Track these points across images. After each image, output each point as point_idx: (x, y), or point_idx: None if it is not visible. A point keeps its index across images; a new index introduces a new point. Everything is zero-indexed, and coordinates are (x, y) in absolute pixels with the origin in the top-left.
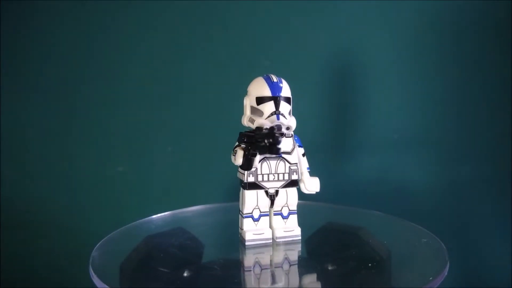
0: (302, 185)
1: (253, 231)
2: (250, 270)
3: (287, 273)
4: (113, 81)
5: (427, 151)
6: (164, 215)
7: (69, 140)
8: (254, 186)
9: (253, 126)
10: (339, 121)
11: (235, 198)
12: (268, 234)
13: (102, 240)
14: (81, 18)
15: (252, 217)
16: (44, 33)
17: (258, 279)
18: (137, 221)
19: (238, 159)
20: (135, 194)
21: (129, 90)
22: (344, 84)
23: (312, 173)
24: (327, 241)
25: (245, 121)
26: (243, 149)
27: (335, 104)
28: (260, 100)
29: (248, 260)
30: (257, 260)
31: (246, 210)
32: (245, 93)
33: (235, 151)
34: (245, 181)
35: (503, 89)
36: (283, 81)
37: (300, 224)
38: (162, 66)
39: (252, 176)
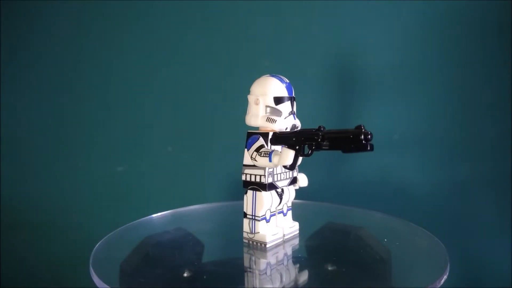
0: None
1: (270, 233)
2: (264, 273)
3: (288, 273)
4: (114, 81)
5: (427, 151)
6: (164, 214)
7: (69, 140)
8: (271, 186)
9: (273, 126)
10: (339, 121)
11: (234, 197)
12: (280, 233)
13: (103, 240)
14: (82, 18)
15: (265, 218)
16: (44, 33)
17: (271, 279)
18: (137, 221)
19: (289, 159)
20: (135, 194)
21: (129, 90)
22: (344, 84)
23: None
24: (327, 241)
25: (260, 121)
26: (292, 148)
27: (335, 104)
28: (279, 100)
29: (264, 261)
30: (269, 261)
31: (262, 212)
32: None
33: (265, 152)
34: (265, 182)
35: (503, 89)
36: None
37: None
38: (162, 66)
39: (271, 176)
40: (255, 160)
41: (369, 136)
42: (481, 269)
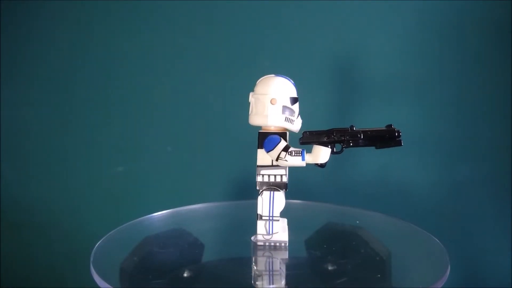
0: None
1: (285, 231)
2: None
3: (288, 273)
4: (113, 81)
5: (427, 151)
6: (164, 213)
7: (69, 140)
8: (287, 185)
9: (291, 127)
10: (339, 121)
11: (234, 197)
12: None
13: (103, 238)
14: (81, 18)
15: (280, 218)
16: (43, 33)
17: (272, 279)
18: (138, 219)
19: (325, 156)
20: (135, 194)
21: (129, 90)
22: (344, 84)
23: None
24: (327, 242)
25: (278, 121)
26: (326, 146)
27: (335, 104)
28: (293, 100)
29: (273, 261)
30: (279, 260)
31: (279, 211)
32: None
33: (296, 152)
34: (286, 181)
35: (503, 89)
36: None
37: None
38: (162, 66)
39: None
40: (285, 160)
41: (400, 133)
42: (481, 269)
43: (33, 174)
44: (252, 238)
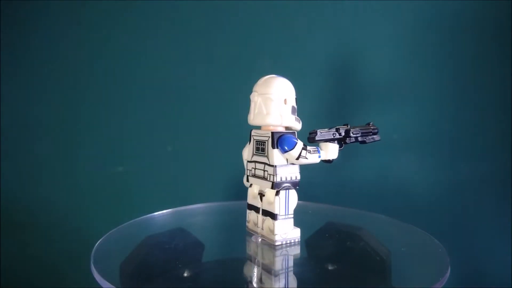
0: None
1: (297, 228)
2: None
3: (288, 273)
4: (114, 81)
5: (427, 151)
6: (165, 213)
7: (70, 140)
8: None
9: (298, 126)
10: (338, 120)
11: (234, 197)
12: None
13: (103, 238)
14: (84, 18)
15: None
16: (45, 34)
17: (273, 280)
18: (139, 218)
19: (336, 153)
20: (135, 194)
21: (129, 91)
22: (344, 84)
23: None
24: (327, 242)
25: (288, 121)
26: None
27: (335, 103)
28: (296, 101)
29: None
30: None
31: (293, 209)
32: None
33: (314, 150)
34: (300, 179)
35: (503, 89)
36: None
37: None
38: (163, 67)
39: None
40: (306, 158)
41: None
42: (481, 269)
43: (33, 174)
44: (253, 238)
